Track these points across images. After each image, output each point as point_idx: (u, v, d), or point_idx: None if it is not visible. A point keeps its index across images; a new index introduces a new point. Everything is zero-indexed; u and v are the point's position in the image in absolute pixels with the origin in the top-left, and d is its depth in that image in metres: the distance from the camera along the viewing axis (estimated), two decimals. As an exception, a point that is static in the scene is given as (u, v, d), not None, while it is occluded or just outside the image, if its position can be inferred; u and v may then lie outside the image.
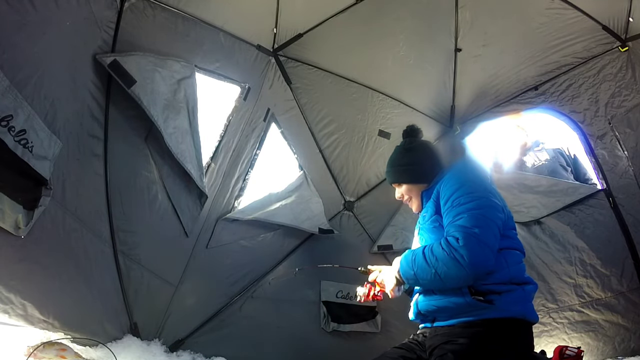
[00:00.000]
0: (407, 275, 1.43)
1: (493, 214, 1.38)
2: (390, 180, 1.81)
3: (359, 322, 3.28)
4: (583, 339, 2.81)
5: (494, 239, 1.34)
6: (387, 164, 1.83)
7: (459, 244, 1.28)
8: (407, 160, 1.74)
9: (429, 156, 1.73)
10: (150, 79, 2.29)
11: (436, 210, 1.54)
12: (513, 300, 1.37)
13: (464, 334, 1.35)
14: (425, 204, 1.66)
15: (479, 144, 3.63)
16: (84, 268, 2.07)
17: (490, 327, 1.34)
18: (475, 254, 1.27)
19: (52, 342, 1.72)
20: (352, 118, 3.42)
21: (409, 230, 3.53)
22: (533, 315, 1.42)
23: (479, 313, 1.36)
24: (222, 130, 2.90)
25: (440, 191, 1.53)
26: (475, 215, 1.34)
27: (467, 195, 1.42)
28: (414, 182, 1.71)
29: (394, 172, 1.78)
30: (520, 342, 1.39)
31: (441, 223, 1.49)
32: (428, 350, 1.43)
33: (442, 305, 1.43)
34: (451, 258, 1.28)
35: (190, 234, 2.74)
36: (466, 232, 1.30)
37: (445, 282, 1.34)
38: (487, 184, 1.55)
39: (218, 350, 2.72)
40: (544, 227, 3.08)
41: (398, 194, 1.79)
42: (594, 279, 2.81)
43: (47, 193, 1.71)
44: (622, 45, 2.86)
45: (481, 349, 1.32)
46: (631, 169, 2.74)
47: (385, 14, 3.06)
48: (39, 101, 1.68)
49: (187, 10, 2.50)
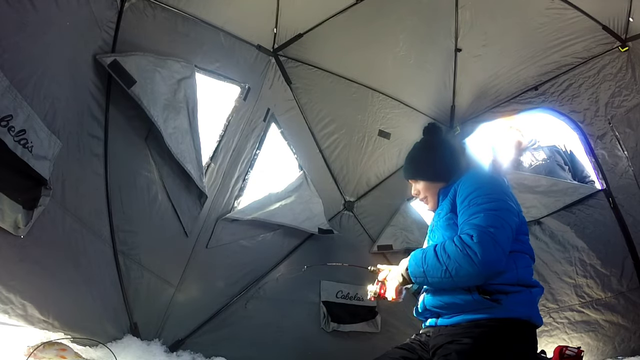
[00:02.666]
0: (416, 273, 1.41)
1: (508, 217, 1.37)
2: (408, 177, 1.78)
3: (359, 322, 3.28)
4: (583, 339, 2.81)
5: (507, 241, 1.33)
6: (405, 159, 1.81)
7: (473, 240, 1.27)
8: (427, 158, 1.72)
9: (450, 155, 1.70)
10: (150, 79, 2.29)
11: (452, 209, 1.53)
12: (520, 301, 1.37)
13: (468, 333, 1.34)
14: (441, 202, 1.64)
15: (478, 145, 3.64)
16: (84, 268, 2.07)
17: (495, 327, 1.33)
18: (489, 252, 1.26)
19: (52, 342, 1.72)
20: (352, 118, 3.42)
21: (409, 231, 3.53)
22: (539, 318, 1.42)
23: (485, 312, 1.35)
24: (222, 130, 2.90)
25: (458, 190, 1.52)
26: (491, 215, 1.34)
27: (484, 196, 1.41)
28: (433, 180, 1.69)
29: (413, 169, 1.76)
30: (525, 343, 1.38)
31: (455, 221, 1.48)
32: (432, 349, 1.42)
33: (449, 301, 1.42)
34: (464, 255, 1.27)
35: (190, 234, 2.74)
36: (481, 230, 1.29)
37: (456, 280, 1.31)
38: (504, 187, 1.54)
39: (218, 350, 2.71)
40: (544, 227, 3.08)
41: (414, 191, 1.77)
42: (594, 279, 2.81)
43: (47, 193, 1.71)
44: (622, 45, 2.85)
45: (485, 349, 1.31)
46: (631, 169, 2.74)
47: (385, 14, 3.06)
48: (38, 101, 1.68)
49: (187, 10, 2.50)
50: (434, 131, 1.81)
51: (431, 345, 1.43)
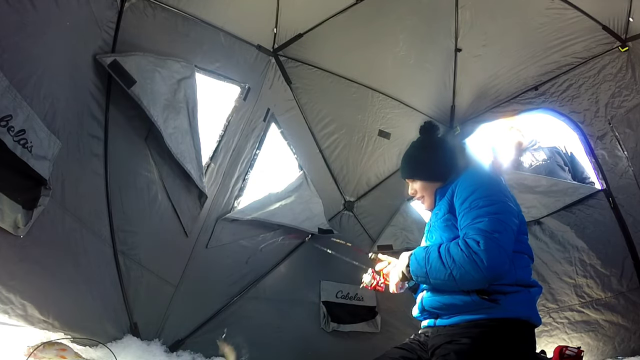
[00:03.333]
0: (417, 272, 1.40)
1: (510, 220, 1.38)
2: (405, 176, 1.77)
3: (359, 322, 3.28)
4: (583, 338, 2.81)
5: (510, 245, 1.34)
6: (402, 158, 1.80)
7: (480, 247, 1.27)
8: (425, 158, 1.71)
9: (447, 155, 1.69)
10: (150, 79, 2.29)
11: (449, 209, 1.52)
12: (518, 301, 1.37)
13: (467, 333, 1.34)
14: (438, 202, 1.64)
15: (478, 145, 3.64)
16: (84, 268, 2.06)
17: (494, 327, 1.34)
18: (495, 258, 1.26)
19: (52, 342, 1.72)
20: (352, 118, 3.42)
21: (409, 231, 3.53)
22: (537, 318, 1.42)
23: (483, 312, 1.35)
24: (222, 130, 2.90)
25: (456, 191, 1.51)
26: (495, 220, 1.33)
27: (485, 198, 1.41)
28: (431, 179, 1.68)
29: (410, 168, 1.75)
30: (523, 343, 1.38)
31: (454, 222, 1.48)
32: (430, 349, 1.42)
33: (447, 302, 1.42)
34: (470, 260, 1.27)
35: (190, 233, 2.73)
36: (487, 237, 1.29)
37: (459, 284, 1.32)
38: (503, 187, 1.53)
39: (218, 350, 2.71)
40: (544, 227, 3.08)
41: (411, 190, 1.76)
42: (594, 279, 2.81)
43: (47, 193, 1.71)
44: (622, 45, 2.86)
45: (484, 349, 1.31)
46: (631, 169, 2.74)
47: (385, 14, 3.06)
48: (38, 101, 1.68)
49: (187, 10, 2.50)
50: (430, 130, 1.79)
51: (430, 346, 1.43)
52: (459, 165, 1.66)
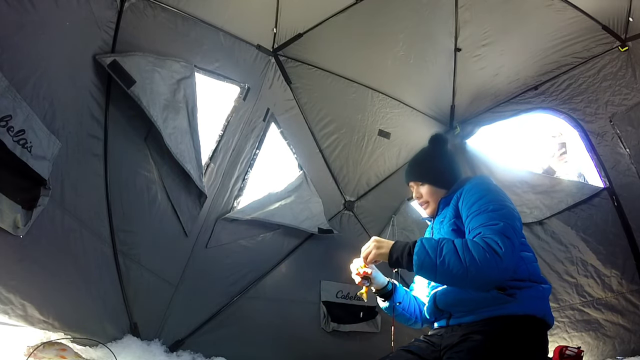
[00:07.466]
0: (424, 262, 1.31)
1: (518, 225, 1.41)
2: (413, 178, 1.78)
3: (359, 322, 3.27)
4: (583, 338, 2.81)
5: (520, 248, 1.39)
6: (410, 162, 1.84)
7: (502, 249, 1.27)
8: (434, 163, 1.76)
9: (455, 166, 1.77)
10: (150, 79, 2.29)
11: (455, 215, 1.54)
12: (533, 295, 1.38)
13: (480, 331, 1.33)
14: (442, 210, 1.67)
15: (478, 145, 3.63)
16: (84, 268, 2.07)
17: (508, 324, 1.33)
18: (512, 260, 1.29)
19: (52, 342, 1.72)
20: (352, 118, 3.41)
21: (409, 230, 3.53)
22: (551, 317, 1.42)
23: (499, 308, 1.35)
24: (222, 130, 2.90)
25: (462, 196, 1.53)
26: (509, 225, 1.35)
27: (495, 203, 1.43)
28: (438, 185, 1.71)
29: (419, 171, 1.77)
30: (537, 343, 1.36)
31: (460, 227, 1.49)
32: (443, 349, 1.39)
33: (463, 297, 1.41)
34: (491, 259, 1.25)
35: (190, 233, 2.74)
36: (505, 239, 1.30)
37: (471, 282, 1.28)
38: (506, 195, 1.56)
39: (218, 350, 2.71)
40: (545, 227, 3.08)
41: (416, 194, 1.78)
42: (595, 279, 2.81)
43: (46, 193, 1.71)
44: (622, 45, 2.85)
45: (496, 347, 1.29)
46: (634, 167, 2.74)
47: (385, 14, 3.06)
48: (38, 101, 1.68)
49: (187, 10, 2.50)
50: (440, 141, 1.84)
51: (443, 345, 1.41)
52: (462, 177, 1.72)
